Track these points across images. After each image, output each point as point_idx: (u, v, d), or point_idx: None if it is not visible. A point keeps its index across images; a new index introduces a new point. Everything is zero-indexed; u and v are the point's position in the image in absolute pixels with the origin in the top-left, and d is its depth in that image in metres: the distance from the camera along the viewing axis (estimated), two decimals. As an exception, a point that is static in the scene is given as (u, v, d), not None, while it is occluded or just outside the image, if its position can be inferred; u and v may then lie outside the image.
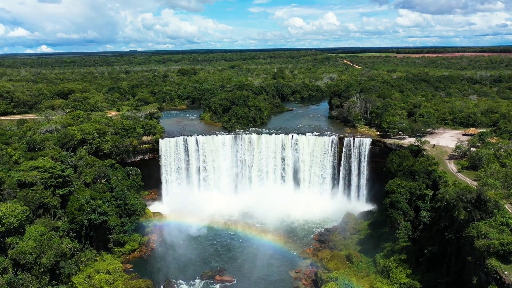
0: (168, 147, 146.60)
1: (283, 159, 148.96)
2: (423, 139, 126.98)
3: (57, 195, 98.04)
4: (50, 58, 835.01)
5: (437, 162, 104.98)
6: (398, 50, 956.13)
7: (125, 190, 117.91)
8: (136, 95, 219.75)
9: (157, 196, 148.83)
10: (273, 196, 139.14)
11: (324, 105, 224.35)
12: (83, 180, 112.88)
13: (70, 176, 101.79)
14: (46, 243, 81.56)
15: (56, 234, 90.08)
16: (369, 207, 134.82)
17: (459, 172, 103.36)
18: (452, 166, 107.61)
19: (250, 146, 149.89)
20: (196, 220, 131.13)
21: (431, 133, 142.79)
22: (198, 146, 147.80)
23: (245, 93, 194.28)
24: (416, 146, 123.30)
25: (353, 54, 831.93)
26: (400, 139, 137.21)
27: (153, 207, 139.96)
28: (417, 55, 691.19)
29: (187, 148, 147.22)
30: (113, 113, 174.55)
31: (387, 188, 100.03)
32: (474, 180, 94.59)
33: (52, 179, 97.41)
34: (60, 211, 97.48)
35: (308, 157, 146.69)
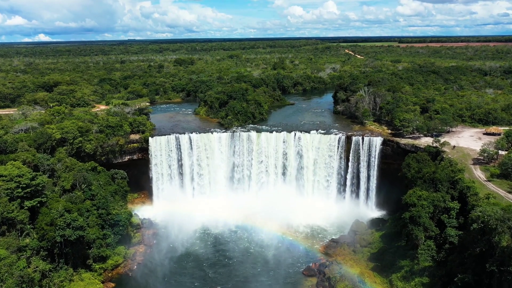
0: (159, 146, 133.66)
1: (284, 159, 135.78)
2: (441, 139, 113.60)
3: (25, 207, 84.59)
4: (45, 47, 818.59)
5: (462, 169, 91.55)
6: (400, 39, 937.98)
7: (108, 198, 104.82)
8: (128, 87, 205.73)
9: (147, 200, 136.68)
10: (274, 200, 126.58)
11: (328, 98, 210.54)
12: (61, 186, 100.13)
13: (41, 185, 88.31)
14: (5, 269, 69.10)
15: (22, 255, 77.33)
16: (379, 213, 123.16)
17: (489, 181, 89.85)
18: (479, 173, 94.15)
19: (248, 145, 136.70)
20: (189, 229, 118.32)
21: (448, 131, 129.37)
22: (191, 145, 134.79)
23: (243, 85, 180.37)
24: (434, 147, 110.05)
25: (355, 44, 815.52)
26: (415, 138, 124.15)
27: (142, 212, 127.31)
28: (420, 45, 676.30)
29: (180, 147, 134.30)
30: (102, 107, 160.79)
31: (406, 200, 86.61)
32: (509, 192, 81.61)
33: (19, 190, 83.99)
34: (29, 226, 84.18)
35: (312, 158, 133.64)
